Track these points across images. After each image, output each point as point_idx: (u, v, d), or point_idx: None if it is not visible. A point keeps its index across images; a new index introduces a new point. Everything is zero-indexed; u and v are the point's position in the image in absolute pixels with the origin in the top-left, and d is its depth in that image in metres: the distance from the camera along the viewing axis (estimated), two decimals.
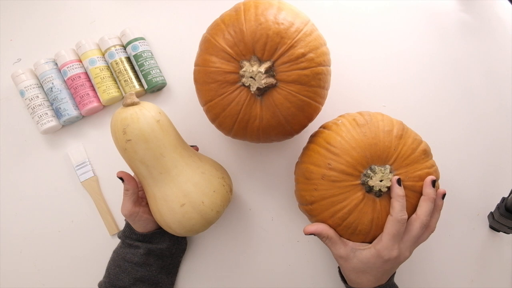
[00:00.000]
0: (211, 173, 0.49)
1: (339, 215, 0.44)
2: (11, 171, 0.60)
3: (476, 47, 0.60)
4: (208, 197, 0.47)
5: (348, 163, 0.43)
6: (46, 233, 0.59)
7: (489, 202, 0.56)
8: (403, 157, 0.44)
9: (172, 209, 0.46)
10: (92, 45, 0.59)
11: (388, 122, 0.45)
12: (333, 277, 0.56)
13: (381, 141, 0.44)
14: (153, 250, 0.51)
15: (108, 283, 0.51)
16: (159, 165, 0.46)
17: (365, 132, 0.44)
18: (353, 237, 0.45)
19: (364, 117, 0.46)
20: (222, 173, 0.50)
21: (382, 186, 0.43)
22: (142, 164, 0.46)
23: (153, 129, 0.45)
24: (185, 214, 0.46)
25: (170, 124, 0.48)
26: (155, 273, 0.52)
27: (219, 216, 0.49)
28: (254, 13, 0.44)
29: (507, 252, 0.56)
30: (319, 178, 0.44)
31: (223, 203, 0.48)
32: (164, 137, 0.46)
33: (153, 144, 0.45)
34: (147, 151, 0.45)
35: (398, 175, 0.43)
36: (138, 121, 0.44)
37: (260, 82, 0.43)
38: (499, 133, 0.58)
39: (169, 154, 0.46)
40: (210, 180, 0.48)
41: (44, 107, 0.58)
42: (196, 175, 0.47)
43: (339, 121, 0.47)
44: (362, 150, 0.43)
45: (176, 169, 0.46)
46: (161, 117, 0.47)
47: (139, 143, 0.45)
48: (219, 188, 0.48)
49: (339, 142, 0.44)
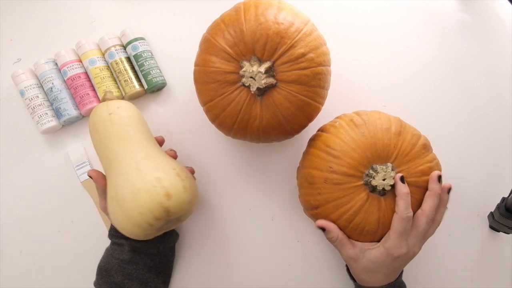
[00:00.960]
0: (146, 170, 0.44)
1: (345, 217, 0.44)
2: (11, 171, 0.60)
3: (476, 47, 0.60)
4: (132, 193, 0.42)
5: (349, 165, 0.43)
6: (46, 233, 0.59)
7: (489, 202, 0.56)
8: (403, 154, 0.44)
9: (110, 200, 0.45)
10: (92, 45, 0.59)
11: (385, 120, 0.45)
12: (333, 277, 0.56)
13: (380, 140, 0.44)
14: (138, 248, 0.51)
15: (100, 280, 0.51)
16: (104, 156, 0.48)
17: (364, 132, 0.44)
18: (361, 238, 0.45)
19: (361, 117, 0.46)
20: (159, 180, 0.43)
21: (386, 185, 0.43)
22: (98, 155, 0.50)
23: (103, 120, 0.48)
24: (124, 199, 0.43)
25: (128, 120, 0.49)
26: (142, 272, 0.51)
27: (145, 218, 0.43)
28: (254, 13, 0.44)
29: (507, 252, 0.56)
30: (322, 182, 0.44)
31: (147, 204, 0.42)
32: (112, 129, 0.48)
33: (101, 135, 0.48)
34: (96, 141, 0.49)
35: (400, 172, 0.43)
36: (95, 113, 0.50)
37: (260, 82, 0.43)
38: (499, 133, 0.58)
39: (113, 146, 0.47)
40: (141, 177, 0.43)
41: (44, 107, 0.58)
42: (131, 170, 0.44)
43: (336, 123, 0.47)
44: (362, 151, 0.43)
45: (117, 162, 0.46)
46: (116, 111, 0.49)
47: (92, 133, 0.50)
48: (148, 189, 0.42)
49: (338, 144, 0.44)
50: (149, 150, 0.47)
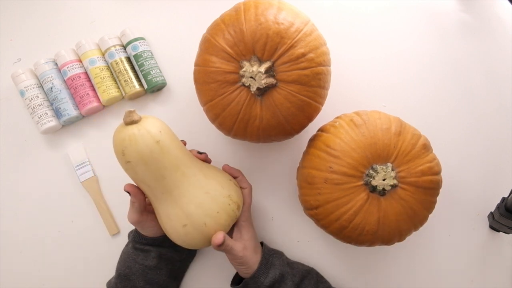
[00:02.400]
0: (215, 193, 0.46)
1: (345, 217, 0.44)
2: (11, 171, 0.60)
3: (476, 47, 0.60)
4: (211, 218, 0.45)
5: (349, 165, 0.43)
6: (46, 233, 0.59)
7: (489, 202, 0.56)
8: (403, 154, 0.44)
9: (175, 228, 0.45)
10: (92, 45, 0.59)
11: (385, 120, 0.45)
12: (333, 277, 0.56)
13: (380, 140, 0.44)
14: (164, 254, 0.51)
15: (119, 284, 0.51)
16: (160, 186, 0.44)
17: (364, 132, 0.44)
18: (361, 238, 0.45)
19: (361, 117, 0.46)
20: (228, 191, 0.48)
21: (386, 185, 0.43)
22: (144, 184, 0.45)
23: (152, 151, 0.42)
24: (187, 234, 0.45)
25: (172, 141, 0.45)
26: (164, 277, 0.51)
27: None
28: (254, 13, 0.44)
29: (507, 252, 0.56)
30: (322, 182, 0.44)
31: (227, 222, 0.47)
32: (164, 158, 0.43)
33: (153, 166, 0.43)
34: (147, 173, 0.43)
35: (400, 172, 0.44)
36: (137, 144, 0.42)
37: (260, 82, 0.43)
38: (499, 133, 0.58)
39: (170, 175, 0.44)
40: (215, 200, 0.46)
41: (44, 107, 0.58)
42: (200, 195, 0.45)
43: (336, 123, 0.47)
44: (362, 151, 0.43)
45: (178, 190, 0.45)
46: (161, 137, 0.43)
47: (138, 165, 0.42)
48: (224, 208, 0.46)
49: (338, 144, 0.44)
50: (198, 167, 0.47)
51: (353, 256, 0.56)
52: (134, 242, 0.52)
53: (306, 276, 0.51)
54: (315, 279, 0.51)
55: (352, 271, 0.56)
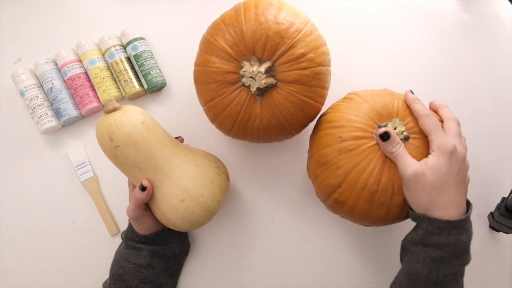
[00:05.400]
0: (205, 165, 0.49)
1: (371, 181, 0.42)
2: (11, 171, 0.60)
3: (476, 47, 0.60)
4: (206, 189, 0.47)
5: (357, 128, 0.43)
6: (46, 233, 0.59)
7: (489, 202, 0.56)
8: (403, 108, 0.45)
9: (173, 206, 0.46)
10: (92, 45, 0.59)
11: (376, 91, 0.47)
12: (333, 277, 0.56)
13: (377, 102, 0.45)
14: (156, 252, 0.51)
15: (113, 284, 0.51)
16: (152, 165, 0.46)
17: (359, 101, 0.46)
18: (395, 198, 0.43)
19: (352, 93, 0.48)
20: (215, 163, 0.50)
21: (399, 133, 0.43)
22: (135, 168, 0.46)
23: (139, 131, 0.45)
24: (186, 209, 0.46)
25: (155, 122, 0.48)
26: (158, 275, 0.51)
27: (220, 205, 0.49)
28: (254, 13, 0.44)
29: (507, 252, 0.56)
30: (336, 155, 0.43)
31: (222, 192, 0.49)
32: (152, 137, 0.46)
33: (142, 146, 0.45)
34: (137, 154, 0.45)
35: (407, 123, 0.44)
36: (123, 126, 0.44)
37: (260, 82, 0.43)
38: (499, 133, 0.58)
39: (160, 152, 0.46)
40: (206, 172, 0.48)
41: (44, 107, 0.58)
42: (191, 168, 0.47)
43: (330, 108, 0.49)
44: (365, 114, 0.44)
45: (170, 166, 0.46)
46: (145, 118, 0.46)
47: (128, 147, 0.44)
48: (215, 178, 0.48)
49: (340, 116, 0.45)
50: (181, 145, 0.50)
51: (354, 256, 0.56)
52: (126, 239, 0.52)
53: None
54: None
55: (352, 271, 0.56)
